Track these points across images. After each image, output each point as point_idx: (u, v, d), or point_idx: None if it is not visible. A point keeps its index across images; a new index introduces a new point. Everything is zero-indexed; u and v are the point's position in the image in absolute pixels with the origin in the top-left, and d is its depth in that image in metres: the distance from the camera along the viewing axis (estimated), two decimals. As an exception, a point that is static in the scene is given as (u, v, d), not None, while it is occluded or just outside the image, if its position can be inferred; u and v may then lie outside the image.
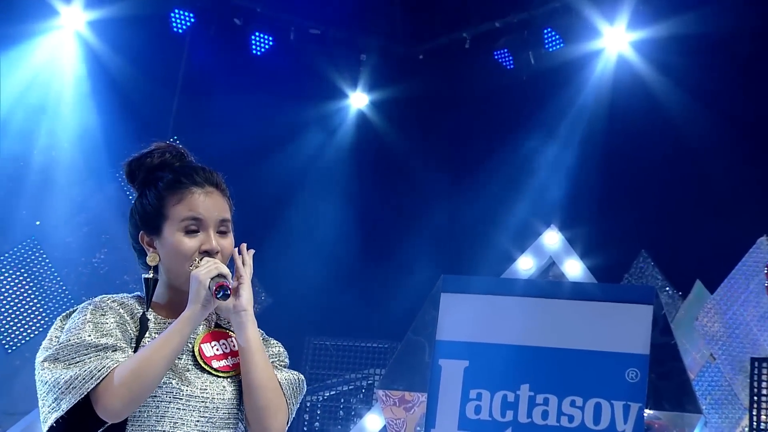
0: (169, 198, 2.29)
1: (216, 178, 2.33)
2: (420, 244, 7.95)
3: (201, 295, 2.18)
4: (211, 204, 2.29)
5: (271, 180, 8.14)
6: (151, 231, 2.30)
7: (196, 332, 2.30)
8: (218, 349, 2.30)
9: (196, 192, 2.28)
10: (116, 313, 2.24)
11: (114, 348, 2.19)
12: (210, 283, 2.19)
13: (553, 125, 7.82)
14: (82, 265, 7.67)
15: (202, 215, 2.28)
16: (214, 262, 2.23)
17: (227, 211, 2.32)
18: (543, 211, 7.66)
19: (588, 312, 6.18)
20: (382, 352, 7.70)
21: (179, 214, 2.27)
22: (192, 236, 2.27)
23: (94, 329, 2.20)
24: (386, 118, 8.48)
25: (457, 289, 6.47)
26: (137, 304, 2.30)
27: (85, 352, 2.17)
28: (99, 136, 7.71)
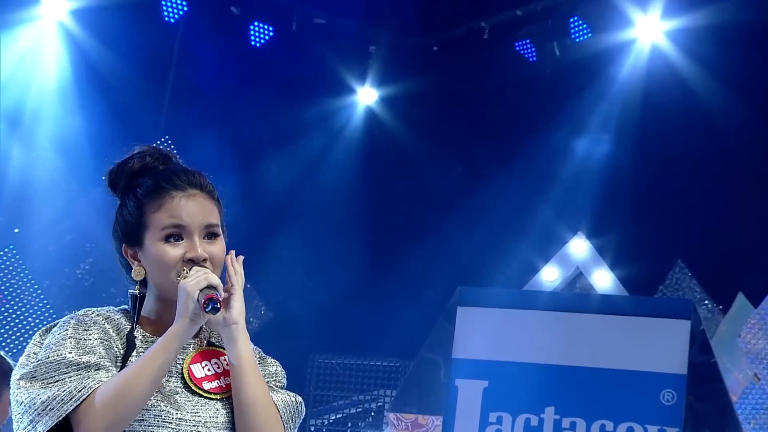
0: (149, 205, 2.28)
1: (200, 179, 2.32)
2: (434, 253, 7.96)
3: (189, 309, 2.17)
4: (195, 208, 2.28)
5: (271, 184, 8.17)
6: (133, 243, 2.30)
7: (186, 352, 2.30)
8: (209, 369, 2.30)
9: (176, 196, 2.28)
10: (101, 329, 2.24)
11: (97, 367, 2.18)
12: (198, 295, 2.18)
13: (580, 123, 7.83)
14: (64, 277, 7.70)
15: (184, 221, 2.27)
16: (204, 272, 2.22)
17: (214, 215, 2.30)
18: (569, 217, 7.68)
19: (619, 328, 6.16)
20: (393, 372, 7.72)
21: (159, 221, 2.27)
22: (175, 244, 2.26)
23: (75, 346, 2.20)
24: (397, 115, 8.50)
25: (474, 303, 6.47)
26: (125, 319, 2.31)
27: (65, 370, 2.17)
28: (83, 136, 7.73)
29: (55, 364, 2.17)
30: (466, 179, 8.17)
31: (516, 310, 6.38)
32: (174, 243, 2.26)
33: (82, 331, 2.22)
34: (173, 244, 2.26)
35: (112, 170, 2.36)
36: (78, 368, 2.17)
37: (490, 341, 6.34)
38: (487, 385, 6.28)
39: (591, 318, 6.25)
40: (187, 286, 2.19)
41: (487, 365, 6.30)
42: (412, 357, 6.82)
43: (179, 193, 2.28)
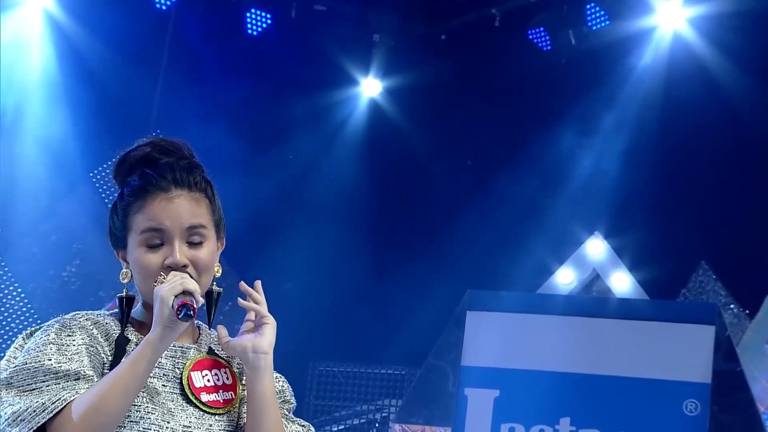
0: (132, 206, 2.29)
1: (189, 177, 2.30)
2: (442, 254, 7.97)
3: (164, 315, 2.17)
4: (176, 210, 2.27)
5: (269, 181, 8.16)
6: (119, 244, 2.32)
7: (186, 356, 2.31)
8: (209, 379, 2.31)
9: (158, 198, 2.27)
10: (87, 334, 2.24)
11: (76, 375, 2.18)
12: (173, 301, 2.18)
13: (598, 116, 7.82)
14: (50, 280, 7.69)
15: (163, 224, 2.26)
16: (181, 277, 2.21)
17: (201, 216, 2.29)
18: (585, 216, 7.68)
19: (639, 333, 6.17)
20: (399, 380, 7.72)
21: (139, 225, 2.27)
22: (155, 251, 2.27)
23: (56, 352, 2.20)
24: (403, 108, 8.49)
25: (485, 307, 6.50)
26: (115, 323, 2.31)
27: (43, 378, 2.17)
28: (69, 131, 7.73)
29: (33, 371, 2.18)
30: (476, 176, 8.18)
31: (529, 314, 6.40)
32: (154, 249, 2.26)
33: (65, 336, 2.22)
34: (152, 250, 2.26)
35: (118, 160, 2.35)
36: (57, 377, 2.17)
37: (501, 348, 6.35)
38: (498, 395, 6.29)
39: (609, 323, 6.26)
40: (161, 291, 2.19)
41: (498, 373, 6.32)
42: (418, 364, 6.83)
43: (161, 194, 2.27)
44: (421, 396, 6.44)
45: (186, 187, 2.29)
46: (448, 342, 6.46)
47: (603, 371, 6.16)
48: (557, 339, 6.29)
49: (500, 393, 6.28)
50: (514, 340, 6.35)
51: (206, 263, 2.28)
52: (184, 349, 2.32)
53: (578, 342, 6.26)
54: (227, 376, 2.33)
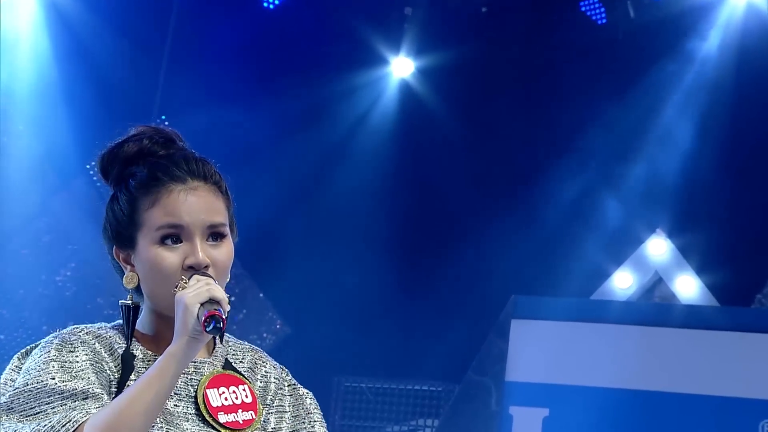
0: (142, 200, 2.30)
1: (204, 168, 2.33)
2: (483, 256, 7.93)
3: (188, 325, 2.18)
4: (197, 204, 2.29)
5: (287, 173, 8.16)
6: (124, 244, 2.33)
7: (200, 372, 2.32)
8: (227, 398, 2.32)
9: (174, 190, 2.29)
10: (90, 349, 2.26)
11: (85, 395, 2.19)
12: (199, 310, 2.19)
13: (660, 97, 7.77)
14: (42, 285, 7.70)
15: (183, 221, 2.28)
16: (206, 282, 2.22)
17: (220, 213, 2.31)
18: (646, 212, 7.65)
19: (707, 345, 6.20)
20: (435, 398, 7.68)
21: (154, 220, 2.28)
22: (172, 248, 2.28)
23: (60, 370, 2.21)
24: (438, 90, 8.46)
25: (532, 315, 6.53)
26: (119, 336, 2.32)
27: (48, 400, 2.18)
28: (64, 118, 7.74)
29: (36, 392, 2.18)
30: (521, 166, 8.14)
31: (582, 323, 6.45)
32: (171, 246, 2.27)
33: (67, 352, 2.24)
34: (170, 248, 2.27)
35: (103, 155, 2.37)
36: (63, 397, 2.18)
37: (551, 361, 6.40)
38: (547, 414, 6.32)
39: (673, 333, 6.31)
40: (185, 298, 2.19)
41: (547, 390, 6.35)
42: (457, 380, 6.87)
43: (178, 185, 2.29)
44: (461, 415, 6.46)
45: (202, 178, 2.31)
46: (490, 354, 6.51)
47: (666, 387, 6.19)
48: (614, 351, 6.31)
49: (550, 412, 6.32)
50: (565, 352, 6.38)
51: (226, 265, 2.31)
52: (197, 364, 2.32)
53: (638, 354, 6.28)
54: (246, 393, 2.33)
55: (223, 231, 2.31)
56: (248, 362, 2.41)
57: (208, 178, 2.32)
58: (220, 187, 2.33)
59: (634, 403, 6.20)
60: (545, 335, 6.47)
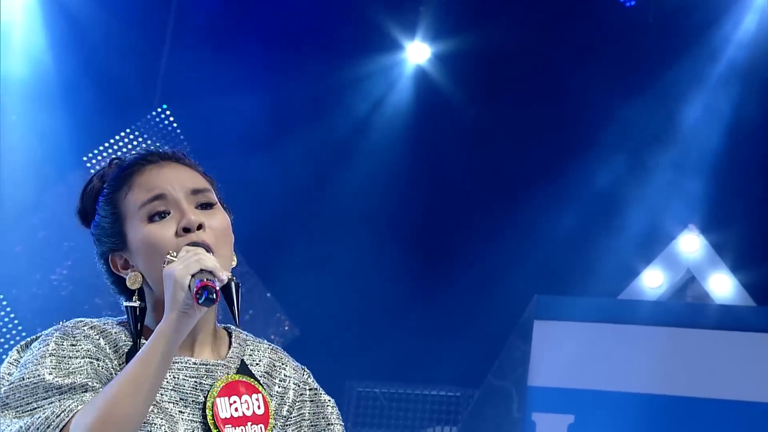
0: (118, 193, 2.35)
1: (176, 153, 2.41)
2: (503, 253, 7.91)
3: (178, 299, 2.18)
4: (174, 173, 2.35)
5: (296, 166, 8.14)
6: (117, 245, 2.35)
7: (214, 377, 2.32)
8: (237, 408, 2.31)
9: (147, 168, 2.36)
10: (92, 344, 2.28)
11: (84, 388, 2.21)
12: (190, 281, 2.19)
13: (693, 83, 7.75)
14: (36, 285, 7.72)
15: (164, 189, 2.32)
16: (195, 252, 2.24)
17: (201, 181, 2.37)
18: (678, 205, 7.61)
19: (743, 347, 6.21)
20: (453, 403, 7.68)
21: (135, 201, 2.32)
22: (162, 222, 2.31)
23: (57, 365, 2.23)
24: (455, 77, 8.45)
25: (556, 315, 6.58)
26: (125, 333, 2.33)
27: (44, 395, 2.20)
28: (60, 107, 7.74)
29: (32, 387, 2.20)
30: (544, 157, 8.12)
31: (609, 324, 6.49)
32: (160, 221, 2.31)
33: (68, 346, 2.25)
34: (159, 223, 2.31)
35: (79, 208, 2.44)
36: (60, 392, 2.20)
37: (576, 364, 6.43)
38: (572, 421, 6.36)
39: (707, 335, 6.35)
40: (174, 270, 2.20)
41: (572, 395, 6.38)
42: (476, 385, 6.88)
43: (150, 165, 2.36)
44: (480, 422, 6.48)
45: (175, 159, 2.39)
46: (511, 357, 6.56)
47: (699, 393, 6.22)
48: (643, 354, 6.35)
49: (575, 419, 6.35)
50: (592, 355, 6.41)
51: (223, 229, 2.32)
52: (209, 367, 2.32)
53: (669, 358, 6.32)
54: (259, 404, 2.33)
55: (211, 198, 2.35)
56: (266, 365, 2.40)
57: (180, 159, 2.39)
58: (197, 168, 2.40)
59: (664, 409, 6.22)
60: (570, 337, 6.49)
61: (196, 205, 2.33)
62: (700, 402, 6.19)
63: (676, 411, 6.20)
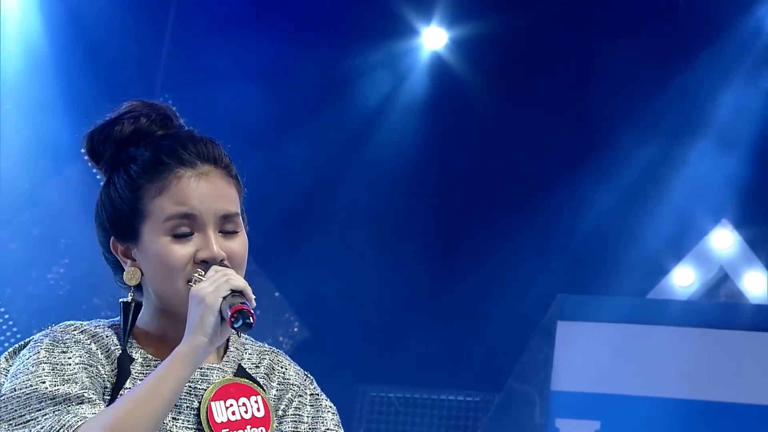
0: (147, 187, 2.32)
1: (213, 150, 2.36)
2: (524, 249, 7.90)
3: (207, 324, 2.20)
4: (208, 191, 2.31)
5: (306, 158, 8.15)
6: (125, 236, 2.34)
7: (208, 380, 2.32)
8: (234, 411, 2.31)
9: (184, 175, 2.31)
10: (84, 350, 2.27)
11: (80, 399, 2.20)
12: (221, 305, 2.20)
13: (726, 72, 7.72)
14: (32, 284, 7.73)
15: (195, 210, 2.30)
16: (224, 273, 2.25)
17: (233, 201, 2.35)
18: (710, 199, 7.61)
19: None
20: (472, 409, 7.68)
21: (162, 210, 2.30)
22: (183, 241, 2.30)
23: (51, 373, 2.22)
24: (474, 63, 8.42)
25: (580, 316, 6.63)
26: (117, 337, 2.33)
27: (38, 406, 2.19)
28: (57, 95, 7.76)
29: (25, 398, 2.20)
30: (568, 148, 8.09)
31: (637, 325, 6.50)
32: (182, 239, 2.29)
33: (59, 353, 2.24)
34: (180, 240, 2.29)
35: (92, 134, 2.38)
36: (55, 402, 2.19)
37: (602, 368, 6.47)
38: (598, 428, 6.38)
39: (741, 336, 6.35)
40: (203, 293, 2.21)
41: (598, 400, 6.42)
42: (497, 389, 6.87)
43: (187, 170, 2.31)
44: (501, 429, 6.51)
45: (212, 161, 2.34)
46: (533, 360, 6.59)
47: (733, 398, 6.23)
48: (674, 356, 6.38)
49: (601, 425, 6.38)
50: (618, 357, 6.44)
51: (242, 258, 2.33)
52: (204, 371, 2.32)
53: (701, 360, 6.34)
54: (258, 406, 2.33)
55: (237, 222, 2.33)
56: (265, 367, 2.40)
57: (218, 161, 2.34)
58: (231, 171, 2.35)
59: (695, 415, 6.25)
60: (595, 339, 6.52)
61: (221, 228, 2.32)
62: (734, 407, 6.20)
63: (707, 417, 6.22)
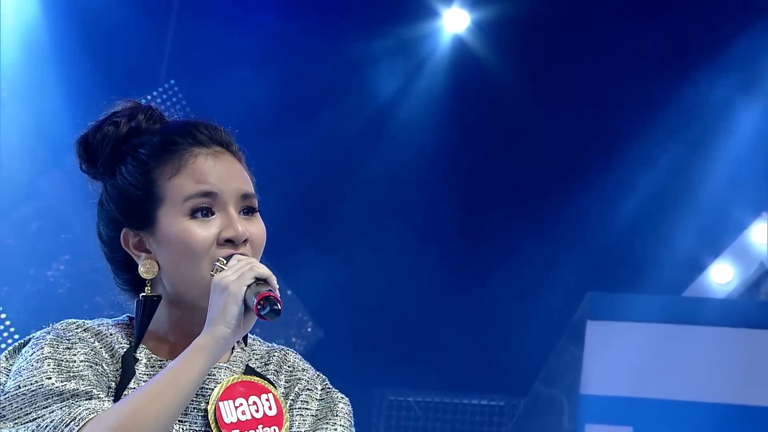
0: (161, 169, 2.34)
1: (224, 134, 2.40)
2: (552, 244, 7.92)
3: (230, 314, 2.21)
4: (227, 170, 2.34)
5: (320, 147, 8.15)
6: (139, 224, 2.34)
7: (215, 379, 2.33)
8: (244, 411, 2.32)
9: (200, 153, 2.35)
10: (88, 348, 2.28)
11: (89, 395, 2.22)
12: (246, 294, 2.22)
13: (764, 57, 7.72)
14: (30, 282, 7.74)
15: (216, 188, 2.32)
16: (247, 261, 2.27)
17: (250, 182, 2.38)
18: (749, 190, 7.61)
19: None
20: (496, 414, 7.71)
21: (181, 189, 2.32)
22: (205, 221, 2.31)
23: (56, 369, 2.23)
24: (496, 46, 8.42)
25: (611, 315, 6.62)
26: (122, 335, 2.34)
27: (45, 403, 2.20)
28: (56, 84, 7.79)
29: (31, 396, 2.21)
30: (597, 135, 8.10)
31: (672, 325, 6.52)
32: (203, 219, 2.31)
33: (64, 349, 2.26)
34: (201, 222, 2.31)
35: (86, 136, 2.40)
36: (62, 398, 2.20)
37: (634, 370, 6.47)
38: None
39: None
40: (226, 281, 2.22)
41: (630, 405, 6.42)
42: (522, 393, 6.87)
43: (202, 149, 2.35)
44: (527, 435, 6.50)
45: (224, 145, 2.38)
46: (561, 362, 6.61)
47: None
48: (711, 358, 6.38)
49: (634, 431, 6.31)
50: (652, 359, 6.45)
51: (262, 242, 2.35)
52: (211, 370, 2.32)
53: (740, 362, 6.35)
54: (270, 404, 2.34)
55: (255, 204, 2.36)
56: (274, 364, 2.42)
57: (230, 145, 2.38)
58: (242, 157, 2.39)
59: (734, 420, 6.26)
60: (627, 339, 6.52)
61: (240, 209, 2.34)
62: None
63: (746, 423, 6.23)
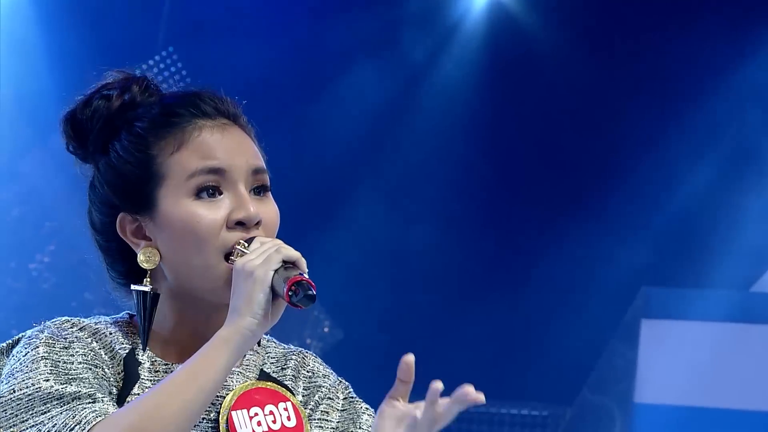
0: (162, 144, 2.34)
1: (230, 105, 2.41)
2: (602, 234, 7.91)
3: (257, 302, 2.21)
4: (235, 144, 2.35)
5: (340, 125, 8.18)
6: (138, 207, 2.34)
7: (227, 385, 2.35)
8: (260, 421, 2.34)
9: (205, 126, 2.35)
10: (87, 348, 2.29)
11: (92, 398, 2.23)
12: (274, 279, 2.21)
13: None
14: (11, 276, 7.78)
15: (224, 163, 2.33)
16: (272, 243, 2.26)
17: (260, 157, 2.38)
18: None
19: None
20: (540, 424, 7.72)
21: (184, 166, 2.32)
22: (212, 202, 2.31)
23: (53, 371, 2.24)
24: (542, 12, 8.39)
25: (669, 314, 6.72)
26: (122, 334, 2.36)
27: (43, 408, 2.21)
28: (42, 55, 7.87)
29: (27, 400, 2.22)
30: (654, 112, 8.08)
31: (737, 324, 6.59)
32: (209, 200, 2.32)
33: (61, 348, 2.27)
34: (208, 203, 2.31)
35: (74, 111, 2.39)
36: (62, 402, 2.21)
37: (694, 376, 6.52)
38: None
39: None
40: (251, 266, 2.22)
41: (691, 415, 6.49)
42: (568, 402, 6.89)
43: (208, 122, 2.36)
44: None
45: (231, 117, 2.39)
46: (612, 367, 6.68)
47: None
48: None
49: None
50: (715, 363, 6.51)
51: (276, 225, 2.35)
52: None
53: None
54: (289, 414, 2.36)
55: (267, 181, 2.36)
56: (292, 369, 2.43)
57: (238, 117, 2.39)
58: (251, 132, 2.40)
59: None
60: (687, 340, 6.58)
61: (251, 187, 2.34)
62: None
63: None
